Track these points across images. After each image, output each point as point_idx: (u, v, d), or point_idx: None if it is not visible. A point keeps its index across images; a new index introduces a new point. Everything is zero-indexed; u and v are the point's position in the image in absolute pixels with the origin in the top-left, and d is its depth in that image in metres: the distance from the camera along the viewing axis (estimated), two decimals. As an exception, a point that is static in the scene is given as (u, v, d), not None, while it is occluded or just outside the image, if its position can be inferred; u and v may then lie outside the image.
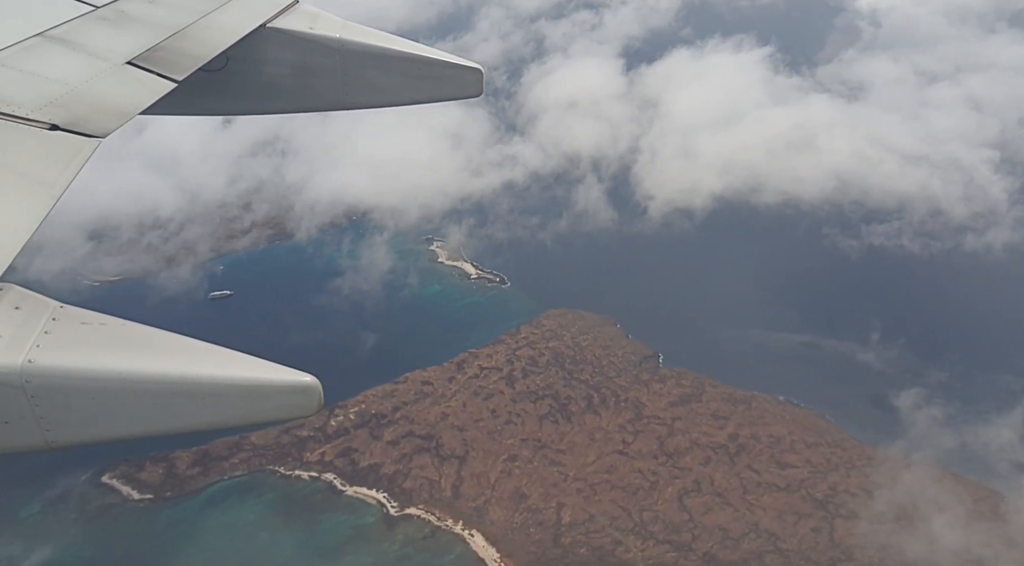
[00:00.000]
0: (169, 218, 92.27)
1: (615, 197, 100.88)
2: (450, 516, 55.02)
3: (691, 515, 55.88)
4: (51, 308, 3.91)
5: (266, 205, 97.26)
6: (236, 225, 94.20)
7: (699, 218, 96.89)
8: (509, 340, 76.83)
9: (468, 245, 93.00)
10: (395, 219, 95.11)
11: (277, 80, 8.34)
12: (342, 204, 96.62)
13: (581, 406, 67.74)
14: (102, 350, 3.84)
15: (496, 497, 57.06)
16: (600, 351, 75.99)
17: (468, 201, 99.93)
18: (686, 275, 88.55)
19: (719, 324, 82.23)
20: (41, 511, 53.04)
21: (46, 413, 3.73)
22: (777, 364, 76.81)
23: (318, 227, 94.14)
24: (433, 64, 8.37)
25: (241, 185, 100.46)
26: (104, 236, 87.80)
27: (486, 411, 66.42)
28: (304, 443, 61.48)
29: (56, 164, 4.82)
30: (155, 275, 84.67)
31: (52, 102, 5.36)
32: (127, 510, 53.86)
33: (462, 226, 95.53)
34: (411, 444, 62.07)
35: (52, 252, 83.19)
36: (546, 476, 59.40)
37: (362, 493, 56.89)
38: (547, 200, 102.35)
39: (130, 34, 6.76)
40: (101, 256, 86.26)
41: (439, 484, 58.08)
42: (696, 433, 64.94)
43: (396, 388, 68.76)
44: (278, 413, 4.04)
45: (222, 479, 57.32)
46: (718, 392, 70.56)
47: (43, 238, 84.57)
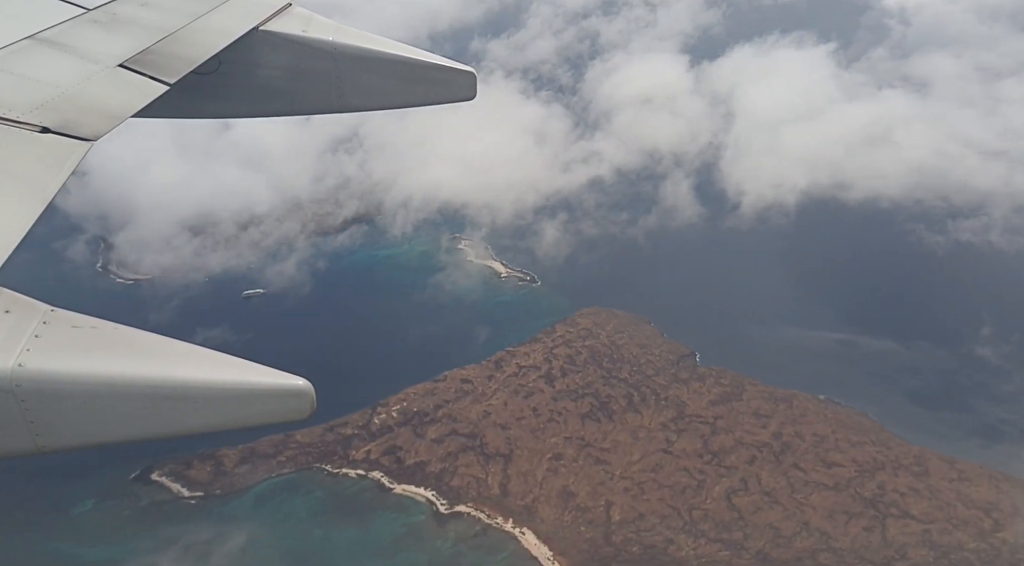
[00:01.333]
0: (266, 214, 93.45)
1: (702, 193, 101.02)
2: (500, 514, 54.96)
3: (740, 514, 55.68)
4: (41, 311, 3.86)
5: (356, 201, 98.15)
6: (329, 221, 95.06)
7: (790, 214, 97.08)
8: (545, 338, 76.71)
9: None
10: (491, 215, 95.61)
11: (270, 83, 8.29)
12: (436, 200, 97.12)
13: (622, 405, 67.59)
14: (93, 354, 3.78)
15: (544, 495, 56.97)
16: (637, 350, 75.83)
17: (556, 197, 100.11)
18: (734, 272, 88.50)
19: (754, 322, 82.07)
20: (94, 508, 53.24)
21: (36, 417, 3.67)
22: (814, 362, 76.62)
23: (412, 223, 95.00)
24: (426, 67, 8.32)
25: (328, 182, 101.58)
26: (204, 232, 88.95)
27: (528, 409, 66.33)
28: (349, 441, 61.53)
29: (47, 167, 4.77)
30: (258, 270, 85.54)
31: (43, 105, 5.31)
32: (178, 507, 53.98)
33: (556, 221, 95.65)
34: (455, 442, 62.03)
35: (161, 248, 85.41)
36: (592, 475, 59.27)
37: (410, 491, 56.89)
38: (633, 196, 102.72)
39: (122, 37, 6.71)
40: (208, 252, 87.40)
41: (486, 482, 58.03)
42: (739, 432, 64.71)
43: (436, 386, 68.74)
44: (271, 417, 4.00)
45: (270, 477, 57.41)
46: (758, 391, 70.31)
47: (149, 234, 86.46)
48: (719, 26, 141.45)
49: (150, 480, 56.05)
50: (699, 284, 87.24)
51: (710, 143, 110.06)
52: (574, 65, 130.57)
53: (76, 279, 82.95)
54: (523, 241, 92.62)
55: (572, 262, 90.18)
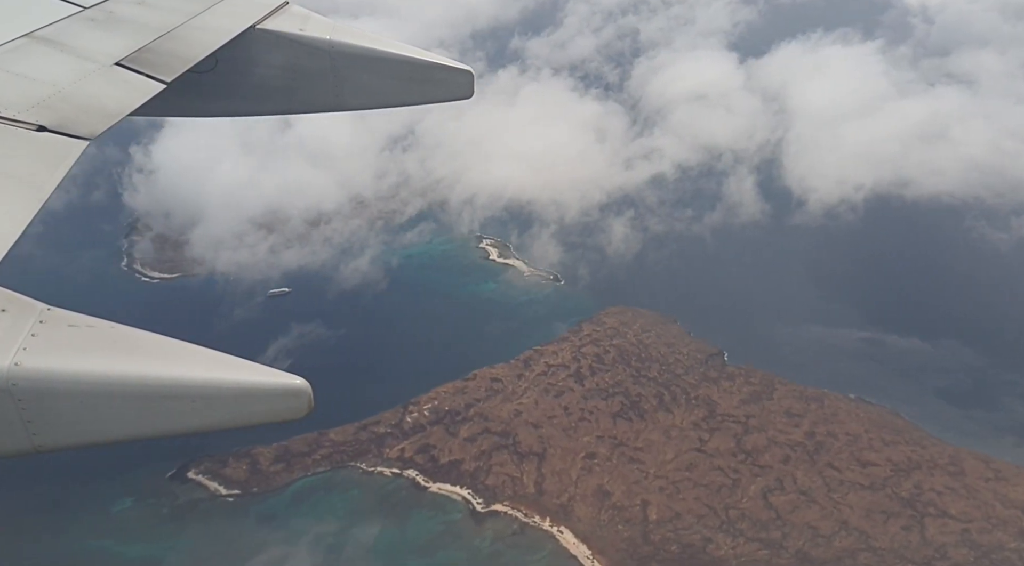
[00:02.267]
0: (334, 211, 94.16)
1: (765, 190, 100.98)
2: (537, 513, 54.93)
3: (778, 513, 55.50)
4: (38, 310, 3.84)
5: (419, 199, 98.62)
6: (396, 219, 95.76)
7: (858, 211, 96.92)
8: (572, 337, 76.62)
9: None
10: (558, 212, 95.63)
11: (267, 82, 8.24)
12: (502, 197, 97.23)
13: (653, 404, 67.46)
14: (90, 353, 3.76)
15: (579, 494, 56.90)
16: (665, 349, 75.67)
17: (619, 194, 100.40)
18: (774, 271, 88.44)
19: (780, 321, 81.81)
20: (133, 506, 53.46)
21: (33, 416, 3.66)
22: (841, 361, 76.35)
23: (479, 220, 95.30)
24: (424, 66, 8.26)
25: (390, 179, 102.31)
26: (274, 229, 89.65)
27: (559, 408, 66.27)
28: (382, 439, 61.59)
29: (44, 166, 4.74)
30: (332, 266, 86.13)
31: (40, 103, 5.29)
32: (216, 505, 54.12)
33: (623, 218, 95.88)
34: (488, 441, 62.00)
35: (237, 246, 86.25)
36: (627, 474, 59.17)
37: (446, 489, 56.90)
38: (695, 193, 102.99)
39: (119, 35, 6.67)
40: (282, 249, 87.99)
41: (521, 481, 57.99)
42: (772, 431, 64.50)
43: (466, 385, 68.74)
44: (268, 416, 4.00)
45: (306, 475, 57.50)
46: (788, 390, 70.06)
47: (224, 232, 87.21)
48: (755, 23, 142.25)
49: (187, 478, 56.22)
50: (726, 283, 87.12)
51: (768, 140, 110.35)
52: (618, 63, 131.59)
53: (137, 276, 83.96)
54: (590, 238, 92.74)
55: (642, 258, 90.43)
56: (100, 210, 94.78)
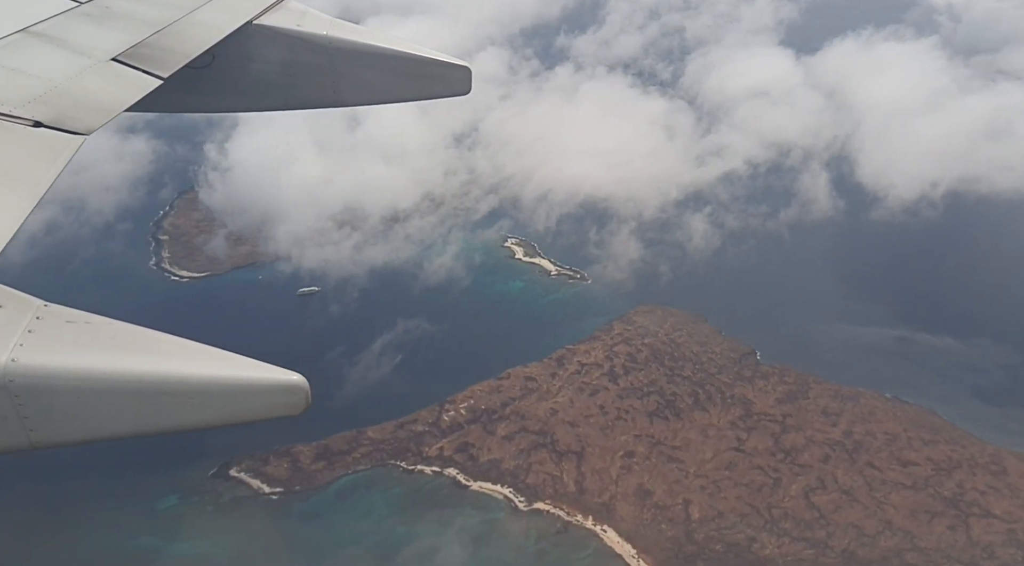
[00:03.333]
0: (412, 208, 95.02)
1: (839, 186, 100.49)
2: (579, 511, 54.92)
3: (821, 512, 55.29)
4: (35, 307, 3.82)
5: (492, 196, 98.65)
6: (472, 216, 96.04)
7: (938, 207, 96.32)
8: (604, 336, 76.51)
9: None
10: (636, 208, 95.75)
11: (264, 78, 8.20)
12: (578, 195, 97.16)
13: (688, 403, 67.32)
14: (87, 349, 3.74)
15: (621, 493, 56.85)
16: (697, 347, 75.46)
17: (692, 190, 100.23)
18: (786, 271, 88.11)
19: (811, 319, 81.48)
20: (178, 503, 53.70)
21: (30, 413, 3.64)
22: (874, 359, 75.96)
23: (556, 217, 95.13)
24: (422, 62, 8.22)
25: (460, 176, 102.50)
26: (353, 226, 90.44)
27: (595, 407, 66.21)
28: (421, 438, 61.68)
29: (39, 162, 4.72)
30: (416, 263, 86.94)
31: (36, 99, 5.25)
32: (260, 503, 54.33)
33: (701, 214, 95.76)
34: (526, 440, 62.01)
35: (321, 242, 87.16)
36: (667, 473, 59.08)
37: (487, 488, 56.95)
38: (767, 189, 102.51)
39: (115, 30, 6.64)
40: (367, 246, 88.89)
41: (561, 480, 57.98)
42: (809, 430, 64.27)
43: (501, 384, 68.75)
44: (265, 412, 3.98)
45: (347, 473, 57.64)
46: (823, 389, 69.78)
47: (304, 229, 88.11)
48: (795, 21, 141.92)
49: (229, 476, 56.44)
50: (751, 281, 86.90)
51: (836, 136, 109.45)
52: (669, 60, 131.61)
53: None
54: (669, 234, 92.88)
55: (721, 255, 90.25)
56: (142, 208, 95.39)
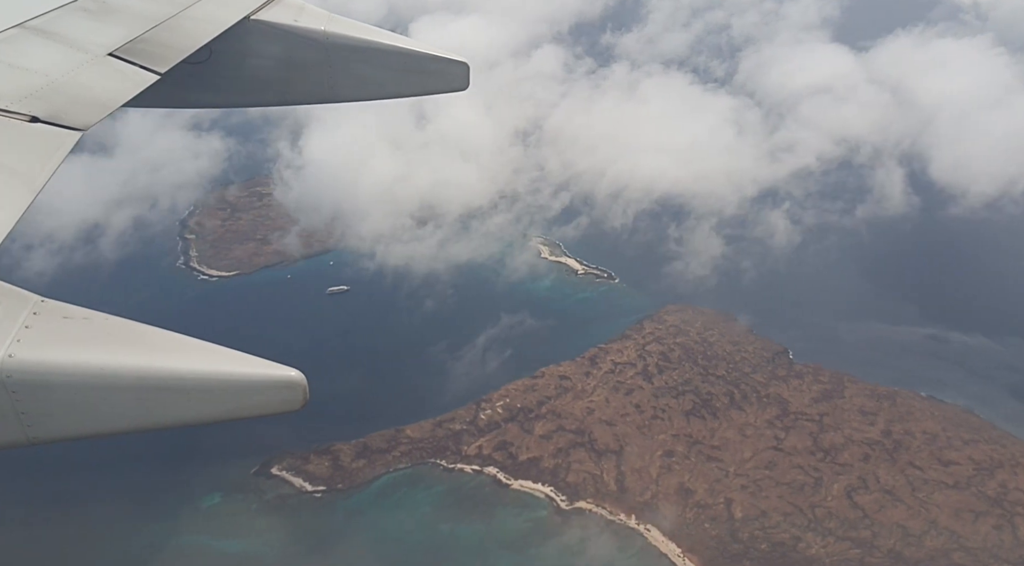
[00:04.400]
0: (489, 206, 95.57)
1: (914, 182, 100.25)
2: (621, 510, 54.86)
3: (865, 512, 55.05)
4: (32, 302, 3.80)
5: (565, 193, 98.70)
6: (546, 213, 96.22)
7: (1020, 203, 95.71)
8: (635, 335, 76.39)
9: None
10: (716, 205, 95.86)
11: (262, 73, 8.16)
12: (654, 191, 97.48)
13: (724, 402, 67.14)
14: (84, 345, 3.72)
15: (662, 492, 56.76)
16: (730, 347, 75.26)
17: (767, 186, 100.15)
18: (810, 268, 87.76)
19: (843, 318, 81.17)
20: (222, 501, 53.92)
21: (27, 408, 3.62)
22: (907, 358, 75.56)
23: (633, 214, 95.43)
24: (419, 58, 8.19)
25: (531, 173, 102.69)
26: (430, 223, 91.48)
27: (630, 406, 66.13)
28: (459, 436, 61.74)
29: (36, 157, 4.69)
30: (498, 260, 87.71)
31: (32, 94, 5.22)
32: (304, 501, 54.49)
33: (780, 211, 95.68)
34: (564, 438, 61.99)
35: (408, 238, 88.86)
36: (707, 472, 58.95)
37: (528, 486, 56.95)
38: (839, 185, 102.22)
39: (112, 25, 6.60)
40: (451, 242, 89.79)
41: (602, 479, 57.93)
42: (848, 429, 63.99)
43: (535, 382, 68.75)
44: (263, 408, 3.96)
45: (387, 471, 57.75)
46: (859, 388, 69.46)
47: (384, 228, 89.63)
48: (837, 19, 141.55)
49: (271, 474, 56.64)
50: (781, 281, 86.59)
51: (905, 133, 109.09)
52: (721, 57, 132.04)
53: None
54: (749, 231, 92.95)
55: (802, 250, 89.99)
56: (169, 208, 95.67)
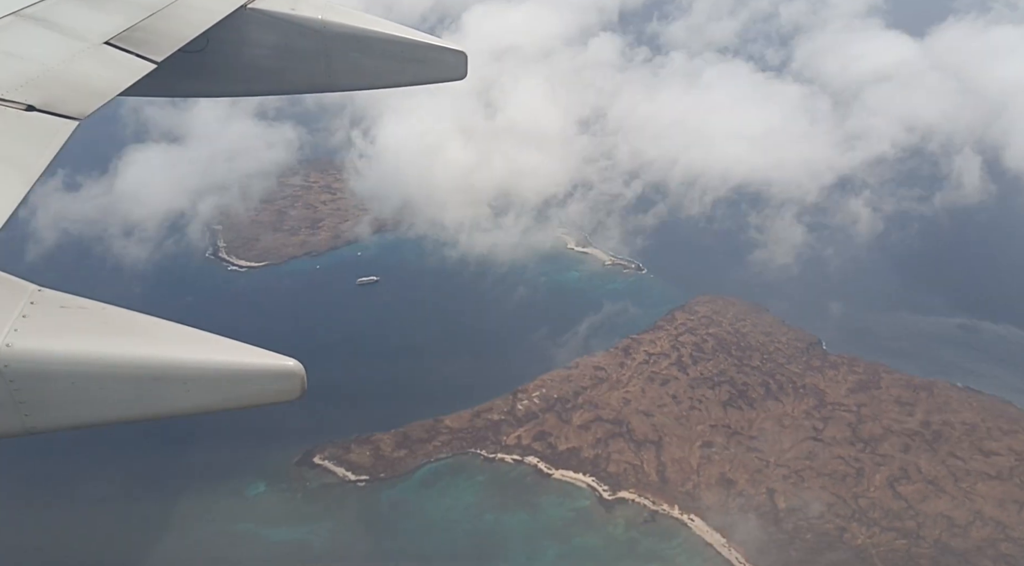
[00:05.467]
0: (566, 194, 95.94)
1: (991, 170, 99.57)
2: (664, 501, 54.93)
3: (908, 503, 54.97)
4: (29, 291, 3.76)
5: (638, 181, 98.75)
6: (621, 202, 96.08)
7: None
8: (667, 326, 76.26)
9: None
10: (796, 192, 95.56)
11: (258, 62, 8.11)
12: (730, 179, 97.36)
13: (760, 393, 67.01)
14: (82, 334, 3.70)
15: (703, 482, 56.79)
16: (762, 337, 75.03)
17: (844, 174, 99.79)
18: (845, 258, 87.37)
19: (870, 308, 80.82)
20: (267, 491, 54.27)
21: (25, 398, 3.61)
22: (941, 348, 75.16)
23: (710, 201, 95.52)
24: (417, 47, 8.12)
25: (600, 162, 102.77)
26: (506, 211, 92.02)
27: (667, 397, 66.10)
28: (498, 426, 61.86)
29: (33, 146, 4.66)
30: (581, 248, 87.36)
31: (28, 82, 5.18)
32: (347, 490, 54.78)
33: (860, 199, 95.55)
34: (602, 429, 62.04)
35: (491, 227, 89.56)
36: (747, 462, 58.92)
37: (569, 476, 57.07)
38: (913, 173, 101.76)
39: (108, 13, 6.55)
40: (534, 231, 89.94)
41: (642, 469, 57.99)
42: (886, 420, 63.80)
43: (570, 373, 68.78)
44: (261, 397, 3.95)
45: (428, 461, 57.96)
46: (895, 379, 69.21)
47: (461, 215, 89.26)
48: (882, 7, 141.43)
49: (314, 464, 56.93)
50: (812, 270, 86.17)
51: (975, 120, 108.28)
52: (773, 45, 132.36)
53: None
54: (830, 218, 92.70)
55: (886, 236, 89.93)
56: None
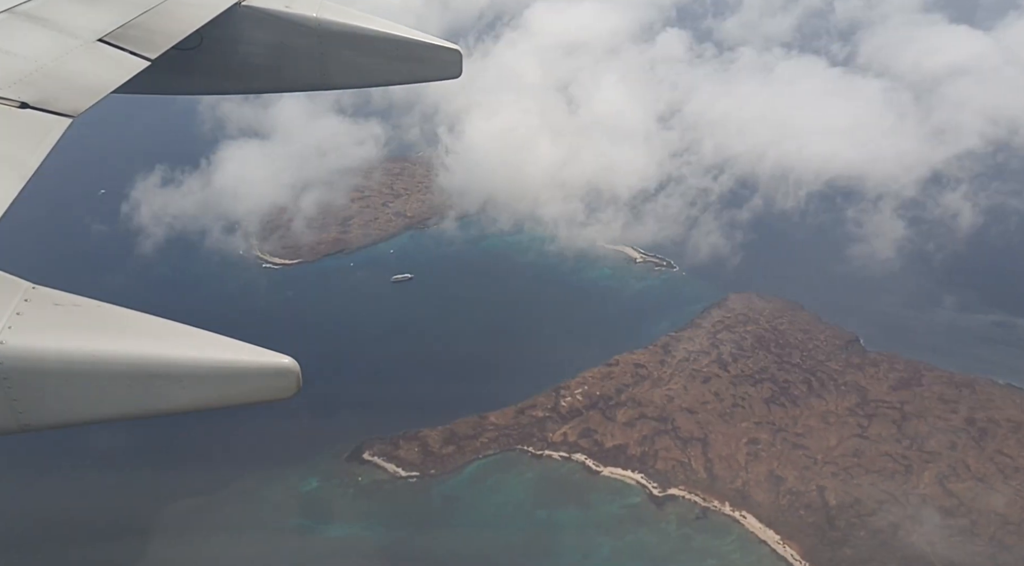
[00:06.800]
0: (657, 188, 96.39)
1: None
2: (715, 498, 54.96)
3: (960, 500, 54.85)
4: (23, 289, 3.76)
5: (725, 176, 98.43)
6: (711, 197, 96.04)
7: None
8: (704, 324, 76.19)
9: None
10: (892, 186, 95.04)
11: (253, 59, 8.07)
12: (824, 173, 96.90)
13: (803, 390, 66.93)
14: (76, 331, 3.68)
15: (752, 479, 56.78)
16: (800, 335, 74.89)
17: (938, 168, 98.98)
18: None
19: (907, 305, 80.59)
20: (319, 487, 54.51)
21: (19, 395, 3.60)
22: (978, 345, 74.88)
23: (805, 196, 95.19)
24: (411, 45, 8.07)
25: (685, 157, 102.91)
26: (601, 208, 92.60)
27: (709, 394, 66.08)
28: (543, 423, 61.97)
29: (26, 143, 4.64)
30: (680, 243, 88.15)
31: (22, 79, 5.17)
32: (399, 486, 55.01)
33: (956, 193, 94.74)
34: (648, 426, 62.08)
35: (587, 223, 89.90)
36: (795, 459, 58.88)
37: (618, 474, 57.16)
38: (1005, 168, 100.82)
39: (102, 11, 6.52)
40: (635, 225, 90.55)
41: (690, 466, 58.02)
42: (931, 417, 63.63)
43: (611, 370, 68.80)
44: (256, 395, 3.94)
45: (477, 458, 58.13)
46: (936, 376, 68.97)
47: (561, 211, 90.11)
48: (933, 2, 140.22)
49: (363, 460, 57.16)
50: (846, 267, 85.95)
51: None
52: (836, 40, 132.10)
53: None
54: (928, 212, 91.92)
55: (983, 234, 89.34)
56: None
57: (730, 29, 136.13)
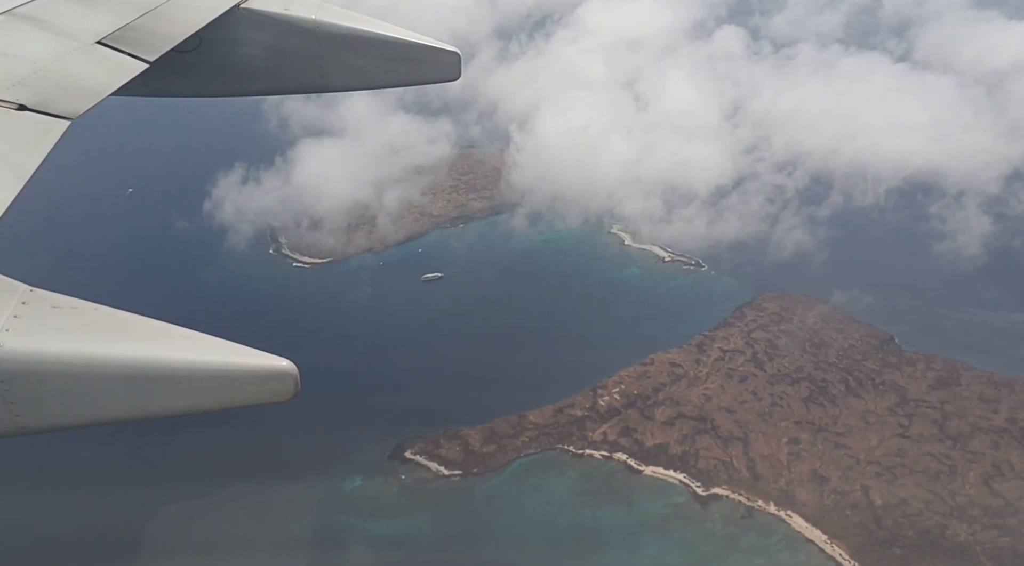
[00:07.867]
0: (733, 184, 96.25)
1: None
2: (759, 497, 54.80)
3: (1007, 500, 54.43)
4: (20, 291, 3.73)
5: (800, 172, 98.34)
6: (787, 193, 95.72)
7: None
8: (737, 323, 75.94)
9: None
10: (974, 182, 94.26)
11: (251, 62, 8.04)
12: (903, 169, 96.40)
13: (841, 389, 66.59)
14: (73, 334, 3.65)
15: (796, 479, 56.57)
16: (835, 334, 74.53)
17: (1018, 163, 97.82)
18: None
19: (939, 303, 79.98)
20: (363, 485, 54.72)
21: (16, 398, 3.57)
22: (1012, 344, 74.18)
23: (884, 192, 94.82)
24: (410, 47, 8.02)
25: (757, 153, 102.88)
26: (677, 204, 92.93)
27: (747, 393, 65.86)
28: (582, 422, 61.95)
29: (25, 145, 4.62)
30: (761, 238, 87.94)
31: (20, 82, 5.14)
32: (442, 485, 55.12)
33: None
34: (687, 425, 61.94)
35: (663, 220, 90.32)
36: (837, 459, 58.60)
37: (660, 473, 57.08)
38: None
39: (100, 13, 6.50)
40: (712, 222, 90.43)
41: (732, 465, 57.85)
42: (972, 417, 63.19)
43: (647, 369, 68.70)
44: (254, 398, 3.93)
45: (518, 457, 58.18)
46: (975, 375, 68.46)
47: (636, 209, 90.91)
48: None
49: (406, 458, 57.30)
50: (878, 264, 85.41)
51: None
52: (891, 36, 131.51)
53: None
54: (1014, 208, 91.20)
55: None
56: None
57: (779, 26, 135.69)
